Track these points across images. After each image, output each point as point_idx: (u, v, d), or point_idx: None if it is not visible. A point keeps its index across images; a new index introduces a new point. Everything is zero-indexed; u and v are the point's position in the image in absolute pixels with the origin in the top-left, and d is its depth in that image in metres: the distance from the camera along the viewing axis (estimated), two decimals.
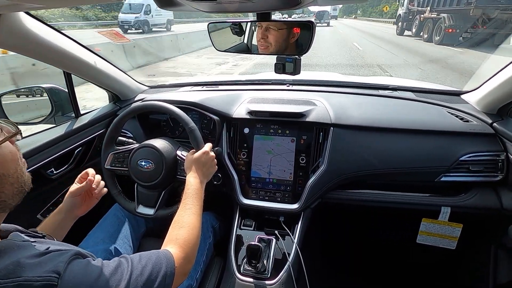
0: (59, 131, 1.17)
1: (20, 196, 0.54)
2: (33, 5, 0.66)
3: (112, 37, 7.27)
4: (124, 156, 1.07)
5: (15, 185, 0.52)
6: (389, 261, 1.54)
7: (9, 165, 0.52)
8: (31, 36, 0.90)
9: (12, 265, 0.44)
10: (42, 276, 0.44)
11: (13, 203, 0.53)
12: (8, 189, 0.51)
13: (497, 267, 1.19)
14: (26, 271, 0.44)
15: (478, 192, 1.08)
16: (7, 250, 0.47)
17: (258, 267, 0.94)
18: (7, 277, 0.43)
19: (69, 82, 1.20)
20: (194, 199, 0.85)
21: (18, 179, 0.53)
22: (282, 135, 1.16)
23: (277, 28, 0.86)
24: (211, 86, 1.55)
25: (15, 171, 0.53)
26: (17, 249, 0.48)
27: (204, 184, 0.94)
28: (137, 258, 0.60)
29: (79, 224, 0.92)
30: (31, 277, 0.43)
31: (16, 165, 0.54)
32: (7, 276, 0.43)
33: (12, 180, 0.52)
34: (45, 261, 0.47)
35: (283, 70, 0.95)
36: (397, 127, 1.12)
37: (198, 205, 0.85)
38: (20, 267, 0.44)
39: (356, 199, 1.16)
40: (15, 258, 0.46)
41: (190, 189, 0.88)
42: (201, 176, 0.93)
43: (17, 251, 0.48)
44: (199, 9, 0.73)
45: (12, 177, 0.52)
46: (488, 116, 1.13)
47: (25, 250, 0.48)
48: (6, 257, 0.46)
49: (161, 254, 0.65)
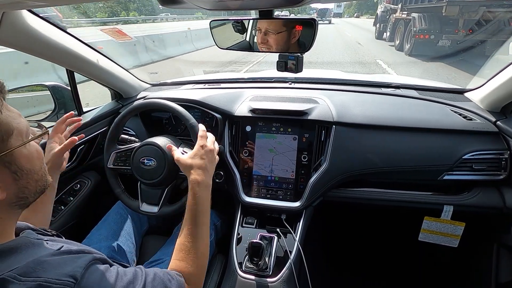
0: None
1: (39, 195, 0.56)
2: (35, 3, 0.67)
3: (114, 35, 7.27)
4: (127, 155, 1.08)
5: (39, 183, 0.54)
6: (391, 259, 1.54)
7: (36, 162, 0.54)
8: (34, 34, 0.90)
9: (33, 263, 0.45)
10: (61, 280, 0.44)
11: (32, 200, 0.55)
12: (32, 186, 0.53)
13: (499, 266, 1.19)
14: (46, 272, 0.44)
15: (481, 190, 1.08)
16: (23, 247, 0.48)
17: (259, 265, 0.95)
18: (28, 275, 0.43)
19: (71, 80, 1.21)
20: (205, 216, 0.79)
21: (42, 177, 0.55)
22: (284, 133, 1.15)
23: (276, 32, 0.85)
24: (213, 84, 1.55)
25: (40, 169, 0.55)
26: (33, 247, 0.49)
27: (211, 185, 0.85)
28: (151, 276, 0.59)
29: (82, 221, 0.93)
30: (50, 279, 0.44)
31: (41, 163, 0.56)
32: (27, 274, 0.43)
33: (37, 177, 0.54)
34: (64, 262, 0.48)
35: (285, 68, 0.95)
36: (400, 125, 1.11)
37: (207, 222, 0.80)
38: (41, 267, 0.45)
39: (358, 197, 1.16)
40: (33, 256, 0.47)
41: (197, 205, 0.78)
42: (206, 177, 0.83)
43: (32, 249, 0.49)
44: (201, 7, 0.73)
45: (37, 174, 0.54)
46: (492, 115, 1.12)
47: (41, 249, 0.50)
48: (22, 254, 0.47)
49: (175, 281, 0.63)
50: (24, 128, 0.52)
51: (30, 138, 0.53)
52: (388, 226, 1.46)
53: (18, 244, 0.48)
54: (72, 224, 1.24)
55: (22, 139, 0.51)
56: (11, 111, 0.51)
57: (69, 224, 1.23)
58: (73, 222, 1.24)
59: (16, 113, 0.51)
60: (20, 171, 0.50)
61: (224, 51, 1.04)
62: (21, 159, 0.50)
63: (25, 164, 0.51)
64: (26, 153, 0.51)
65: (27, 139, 0.52)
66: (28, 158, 0.52)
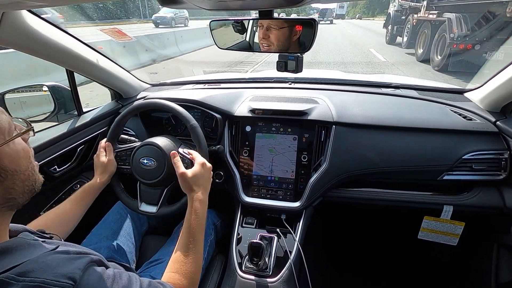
0: (61, 129, 1.17)
1: (29, 196, 0.54)
2: (35, 3, 0.67)
3: (114, 35, 7.27)
4: (126, 155, 1.08)
5: (26, 183, 0.52)
6: (391, 259, 1.54)
7: (22, 161, 0.51)
8: (33, 34, 0.90)
9: (30, 263, 0.44)
10: (59, 281, 0.43)
11: (22, 201, 0.53)
12: (19, 186, 0.51)
13: (499, 266, 1.19)
14: (44, 272, 0.44)
15: (481, 190, 1.08)
16: (19, 248, 0.47)
17: (259, 265, 0.95)
18: (26, 276, 0.42)
19: (71, 80, 1.21)
20: (202, 233, 0.82)
21: (29, 177, 0.53)
22: (284, 133, 1.15)
23: (278, 27, 0.85)
24: (213, 84, 1.55)
25: (26, 168, 0.52)
26: (28, 247, 0.48)
27: None
28: (146, 283, 0.59)
29: (82, 222, 0.93)
30: (49, 280, 0.43)
31: (28, 163, 0.53)
32: (25, 274, 0.43)
33: (24, 177, 0.52)
34: (62, 263, 0.47)
35: (285, 68, 0.95)
36: (400, 126, 1.11)
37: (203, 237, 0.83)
38: (39, 267, 0.44)
39: (358, 197, 1.16)
40: (29, 256, 0.46)
41: (197, 220, 0.81)
42: (205, 196, 0.88)
43: (28, 249, 0.48)
44: (202, 7, 0.73)
45: (24, 174, 0.52)
46: (492, 115, 1.12)
47: (37, 249, 0.49)
48: (17, 254, 0.46)
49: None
50: (6, 125, 0.49)
51: (14, 135, 0.50)
52: (388, 226, 1.46)
53: (13, 245, 0.47)
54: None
55: (3, 137, 0.48)
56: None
57: None
58: None
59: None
60: (4, 172, 0.47)
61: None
62: (5, 159, 0.48)
63: (9, 164, 0.48)
64: (9, 152, 0.49)
65: (9, 137, 0.49)
66: (12, 157, 0.49)
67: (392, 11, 10.05)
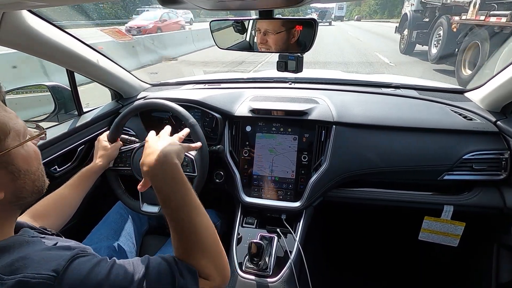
0: (62, 129, 1.17)
1: (37, 196, 0.56)
2: (35, 3, 0.67)
3: (114, 35, 7.28)
4: (127, 156, 1.08)
5: (36, 183, 0.54)
6: (392, 259, 1.54)
7: (33, 162, 0.54)
8: (34, 34, 0.90)
9: (16, 261, 0.44)
10: (41, 274, 0.42)
11: (30, 201, 0.55)
12: (29, 186, 0.53)
13: (500, 266, 1.19)
14: (27, 268, 0.43)
15: (481, 190, 1.08)
16: (17, 245, 0.48)
17: (260, 265, 0.95)
18: (10, 274, 0.42)
19: (72, 80, 1.21)
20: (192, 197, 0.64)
21: (39, 177, 0.55)
22: (284, 133, 1.15)
23: (275, 32, 0.85)
24: (213, 84, 1.55)
25: (37, 169, 0.55)
26: (26, 245, 0.49)
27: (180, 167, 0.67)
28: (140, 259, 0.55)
29: (83, 221, 0.93)
30: (29, 274, 0.42)
31: (38, 164, 0.56)
32: (10, 272, 0.42)
33: (34, 178, 0.54)
34: (48, 257, 0.46)
35: (286, 68, 0.95)
36: (400, 125, 1.11)
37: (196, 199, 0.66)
38: (23, 263, 0.44)
39: (358, 197, 1.16)
40: (23, 253, 0.46)
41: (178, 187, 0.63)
42: (170, 158, 0.66)
43: (25, 247, 0.48)
44: (201, 7, 0.73)
45: (34, 175, 0.54)
46: (492, 114, 1.12)
47: (34, 246, 0.49)
48: (15, 253, 0.46)
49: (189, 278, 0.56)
50: (21, 128, 0.52)
51: (28, 138, 0.53)
52: (389, 226, 1.46)
53: (11, 243, 0.48)
54: (73, 224, 1.23)
55: (19, 139, 0.51)
56: (8, 112, 0.51)
57: (69, 224, 1.23)
58: (73, 222, 1.24)
59: (13, 114, 0.52)
60: (17, 171, 0.50)
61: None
62: (19, 160, 0.50)
63: (23, 164, 0.51)
64: (23, 153, 0.52)
65: (24, 140, 0.52)
66: (25, 158, 0.52)
67: (409, 11, 7.78)
